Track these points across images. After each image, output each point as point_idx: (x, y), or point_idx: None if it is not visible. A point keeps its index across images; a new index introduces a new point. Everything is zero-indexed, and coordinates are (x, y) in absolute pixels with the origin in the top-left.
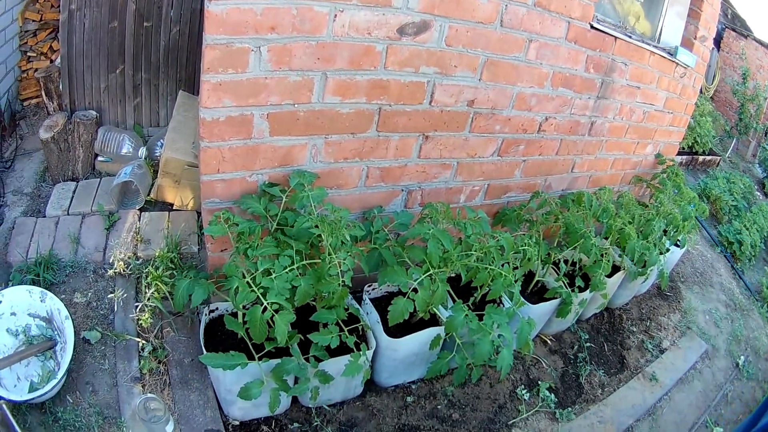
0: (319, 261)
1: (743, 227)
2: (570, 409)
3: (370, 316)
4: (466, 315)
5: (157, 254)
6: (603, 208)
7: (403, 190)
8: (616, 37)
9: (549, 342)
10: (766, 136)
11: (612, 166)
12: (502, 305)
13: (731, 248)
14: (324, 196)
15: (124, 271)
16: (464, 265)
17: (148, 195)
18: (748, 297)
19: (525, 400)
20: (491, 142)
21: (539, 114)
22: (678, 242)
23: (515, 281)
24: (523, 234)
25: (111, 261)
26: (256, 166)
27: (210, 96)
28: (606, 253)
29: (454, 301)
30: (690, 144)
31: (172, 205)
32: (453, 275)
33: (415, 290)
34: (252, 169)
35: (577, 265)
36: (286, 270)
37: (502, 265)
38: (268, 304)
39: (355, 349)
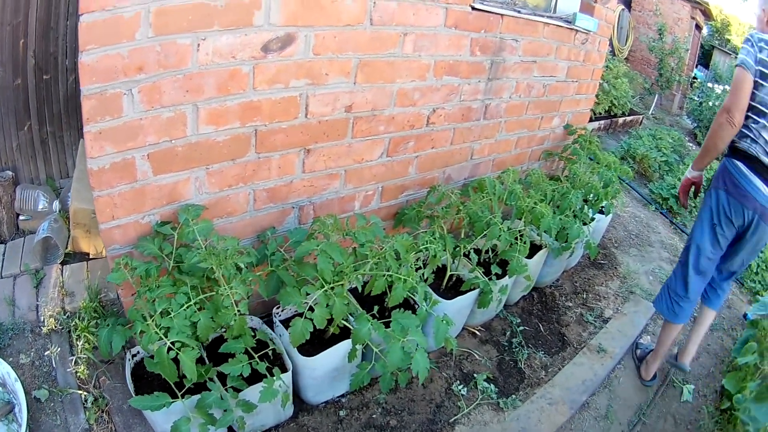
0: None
1: (677, 181)
2: (514, 396)
3: (282, 338)
4: (371, 325)
5: (81, 306)
6: (509, 191)
7: (294, 208)
8: (502, 15)
9: (478, 333)
10: (691, 86)
11: (516, 145)
12: (418, 306)
13: (667, 204)
14: (210, 229)
15: (56, 326)
16: (358, 276)
17: (66, 248)
18: None
19: (463, 395)
20: (377, 144)
21: (425, 107)
22: (602, 209)
23: (425, 280)
24: (425, 231)
25: (42, 319)
26: (146, 207)
27: (93, 146)
28: (522, 235)
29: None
30: (607, 108)
31: (88, 254)
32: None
33: (312, 308)
34: (143, 211)
35: (494, 252)
36: (184, 307)
37: (403, 268)
38: (171, 343)
39: (268, 375)
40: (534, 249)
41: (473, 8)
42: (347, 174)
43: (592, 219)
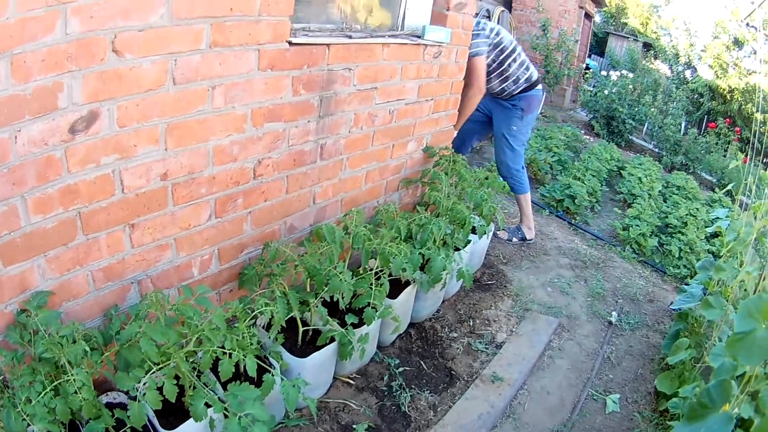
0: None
1: (572, 179)
2: None
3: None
4: (206, 403)
5: None
6: (354, 235)
7: (132, 283)
8: (328, 45)
9: (353, 381)
10: (584, 78)
11: (366, 180)
12: (271, 369)
13: (562, 206)
14: (53, 317)
15: None
16: (182, 356)
17: None
18: (602, 246)
19: None
20: (202, 207)
21: (248, 160)
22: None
23: (275, 340)
24: (262, 293)
25: None
26: (5, 297)
27: None
28: (380, 277)
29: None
30: None
31: None
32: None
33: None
34: (4, 301)
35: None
36: (41, 395)
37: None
38: (37, 429)
39: None
40: (405, 285)
41: (291, 44)
42: (177, 242)
43: (468, 242)
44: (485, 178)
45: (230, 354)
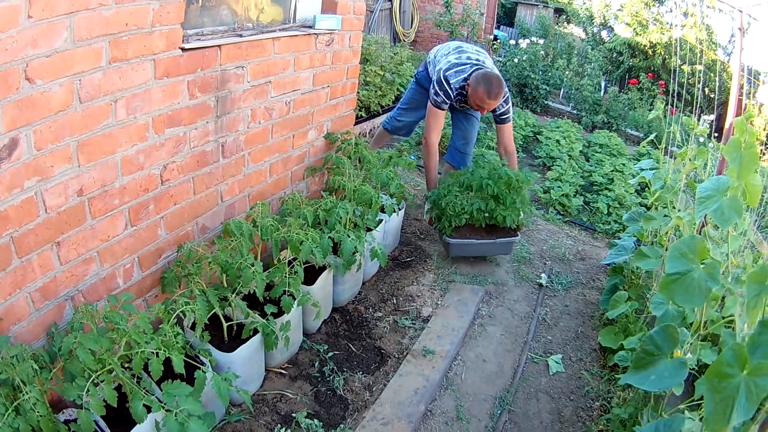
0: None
1: (485, 149)
2: (342, 425)
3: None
4: (144, 404)
5: None
6: (261, 226)
7: (66, 300)
8: (220, 46)
9: (285, 371)
10: (492, 49)
11: (271, 173)
12: (202, 367)
13: None
14: (5, 342)
15: None
16: (116, 360)
17: None
18: None
19: None
20: (117, 218)
21: (154, 167)
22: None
23: (202, 338)
24: (182, 293)
25: None
26: None
27: None
28: (293, 266)
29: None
30: (395, 97)
31: None
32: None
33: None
34: None
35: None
36: (5, 416)
37: (153, 342)
38: None
39: None
40: (321, 270)
41: (183, 49)
42: (100, 255)
43: (380, 222)
44: (389, 158)
45: (157, 353)
